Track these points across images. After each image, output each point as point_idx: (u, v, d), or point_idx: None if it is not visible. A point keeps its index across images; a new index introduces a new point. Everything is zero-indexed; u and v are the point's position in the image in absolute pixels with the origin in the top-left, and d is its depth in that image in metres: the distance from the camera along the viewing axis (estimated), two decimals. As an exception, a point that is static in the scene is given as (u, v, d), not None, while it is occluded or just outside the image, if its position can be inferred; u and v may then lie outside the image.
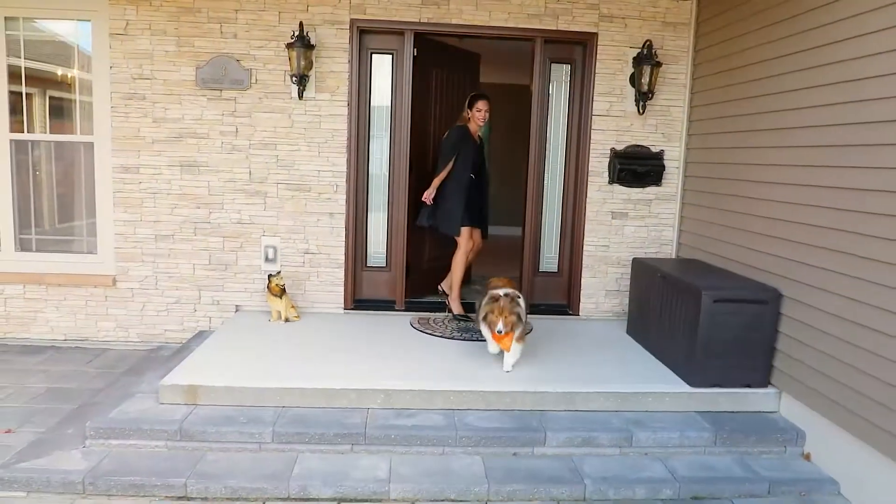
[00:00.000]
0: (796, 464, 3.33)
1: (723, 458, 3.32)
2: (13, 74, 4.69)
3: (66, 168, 4.93)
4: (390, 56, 4.83)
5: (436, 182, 4.76)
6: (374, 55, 4.83)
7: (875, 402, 2.87)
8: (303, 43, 4.40)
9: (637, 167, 4.82)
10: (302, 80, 4.51)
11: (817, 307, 3.28)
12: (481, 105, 4.71)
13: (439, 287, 5.03)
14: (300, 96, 4.60)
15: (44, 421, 3.57)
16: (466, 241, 4.82)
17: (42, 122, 4.88)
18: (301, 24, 4.44)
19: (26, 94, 4.74)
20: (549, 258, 5.16)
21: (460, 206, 4.77)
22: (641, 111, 4.77)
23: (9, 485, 2.88)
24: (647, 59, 4.60)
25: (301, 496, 2.89)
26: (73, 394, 3.98)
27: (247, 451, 3.15)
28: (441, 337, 4.40)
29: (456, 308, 4.87)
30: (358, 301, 4.98)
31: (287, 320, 4.60)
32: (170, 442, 3.16)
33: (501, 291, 3.60)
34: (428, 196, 4.78)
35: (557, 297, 5.12)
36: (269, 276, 4.57)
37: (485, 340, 3.87)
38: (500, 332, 3.50)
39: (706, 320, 3.55)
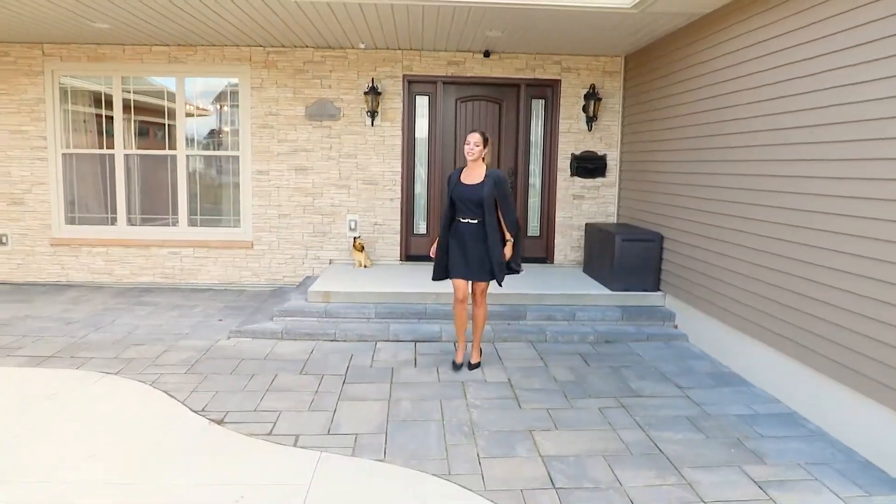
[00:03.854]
0: (668, 329, 5.87)
1: (626, 326, 5.86)
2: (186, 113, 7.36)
3: (218, 172, 7.57)
4: (427, 97, 7.41)
5: (441, 231, 4.69)
6: (417, 96, 7.39)
7: (708, 290, 5.38)
8: (374, 91, 7.01)
9: (588, 165, 7.37)
10: (373, 114, 7.11)
11: (681, 241, 5.82)
12: (469, 138, 4.47)
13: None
14: (372, 124, 7.20)
15: (235, 317, 6.17)
16: (456, 290, 4.62)
17: (206, 142, 7.52)
18: (372, 79, 7.07)
19: (197, 126, 7.40)
20: (534, 226, 7.67)
21: (445, 254, 4.63)
22: (590, 129, 7.33)
23: (241, 335, 5.48)
24: (592, 95, 7.17)
25: (395, 339, 5.47)
26: (241, 307, 6.59)
27: (362, 322, 5.74)
28: (464, 274, 6.94)
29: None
30: (408, 256, 7.55)
31: (365, 267, 7.18)
32: (319, 318, 5.76)
33: None
34: (431, 250, 4.78)
35: (540, 252, 7.65)
36: (354, 238, 7.17)
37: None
38: None
39: (618, 252, 6.11)
